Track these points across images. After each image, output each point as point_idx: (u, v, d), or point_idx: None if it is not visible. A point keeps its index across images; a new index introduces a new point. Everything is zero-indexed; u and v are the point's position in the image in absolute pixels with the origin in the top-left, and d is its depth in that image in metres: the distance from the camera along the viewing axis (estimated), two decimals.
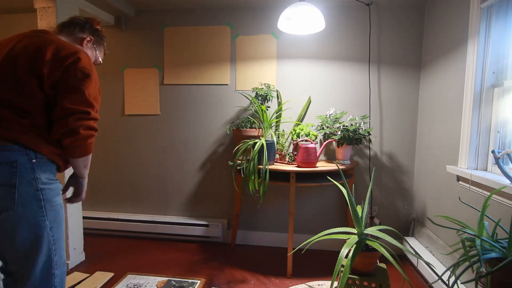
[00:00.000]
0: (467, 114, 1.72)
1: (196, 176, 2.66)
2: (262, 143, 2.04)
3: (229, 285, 1.99)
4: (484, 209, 1.20)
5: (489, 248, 1.12)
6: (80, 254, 2.27)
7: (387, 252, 1.28)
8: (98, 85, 1.23)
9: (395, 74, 2.39)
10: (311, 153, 2.07)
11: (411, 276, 2.11)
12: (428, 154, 2.22)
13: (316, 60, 2.46)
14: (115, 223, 2.69)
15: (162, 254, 2.40)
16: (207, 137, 2.62)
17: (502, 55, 1.61)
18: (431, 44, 2.21)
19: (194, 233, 2.59)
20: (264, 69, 2.51)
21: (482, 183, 1.53)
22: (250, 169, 1.99)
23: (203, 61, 2.57)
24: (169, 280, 2.03)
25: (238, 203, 2.50)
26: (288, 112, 2.50)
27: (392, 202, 2.49)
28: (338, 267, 1.27)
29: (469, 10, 1.73)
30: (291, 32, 2.20)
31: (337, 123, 2.26)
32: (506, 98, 1.59)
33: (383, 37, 2.38)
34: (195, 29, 2.56)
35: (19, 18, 2.74)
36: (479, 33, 1.64)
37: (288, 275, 2.10)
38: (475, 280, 1.08)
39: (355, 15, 2.39)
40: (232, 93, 2.56)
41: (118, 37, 2.63)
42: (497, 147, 1.64)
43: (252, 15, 2.49)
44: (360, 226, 1.42)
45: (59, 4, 2.01)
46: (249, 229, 2.63)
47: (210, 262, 2.30)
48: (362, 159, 2.48)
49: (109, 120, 2.69)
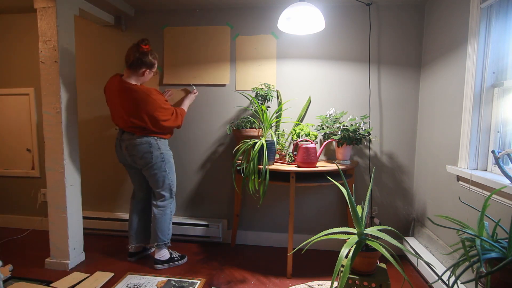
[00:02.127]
0: (467, 114, 1.72)
1: (196, 176, 2.66)
2: (262, 143, 2.04)
3: (229, 285, 1.99)
4: (484, 209, 1.20)
5: (489, 248, 1.12)
6: (80, 254, 2.27)
7: (387, 252, 1.28)
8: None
9: (395, 74, 2.40)
10: (311, 153, 2.07)
11: (411, 276, 2.11)
12: (428, 154, 2.22)
13: (316, 60, 2.46)
14: (115, 223, 2.70)
15: None
16: (207, 137, 2.62)
17: (502, 55, 1.61)
18: (431, 44, 2.21)
19: (194, 233, 2.59)
20: (264, 69, 2.51)
21: (482, 183, 1.53)
22: (250, 169, 1.99)
23: (203, 61, 2.57)
24: (169, 280, 2.03)
25: (238, 203, 2.50)
26: (288, 112, 2.50)
27: (392, 202, 2.49)
28: (338, 267, 1.27)
29: (469, 10, 1.73)
30: (291, 32, 2.19)
31: (337, 123, 2.26)
32: (506, 98, 1.59)
33: (383, 37, 2.38)
34: (195, 29, 2.56)
35: (19, 18, 2.74)
36: (479, 33, 1.64)
37: (288, 275, 2.10)
38: (475, 280, 1.08)
39: (355, 15, 2.39)
40: (232, 93, 2.56)
41: (118, 37, 2.63)
42: (497, 147, 1.64)
43: (252, 15, 2.49)
44: (360, 226, 1.42)
45: (59, 4, 2.01)
46: (249, 229, 2.64)
47: (210, 262, 2.30)
48: (362, 159, 2.48)
49: (109, 120, 2.69)
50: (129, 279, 2.03)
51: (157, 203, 2.20)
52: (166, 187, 2.20)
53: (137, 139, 2.08)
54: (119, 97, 2.04)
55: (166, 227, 2.22)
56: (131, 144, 2.08)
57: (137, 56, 2.03)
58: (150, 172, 2.14)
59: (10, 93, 2.80)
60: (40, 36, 2.03)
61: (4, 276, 1.95)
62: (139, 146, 2.08)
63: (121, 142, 2.12)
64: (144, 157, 2.09)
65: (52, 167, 2.11)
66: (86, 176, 2.74)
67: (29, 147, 2.81)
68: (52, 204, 2.14)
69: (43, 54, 2.04)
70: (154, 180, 2.16)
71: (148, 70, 2.09)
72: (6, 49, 2.79)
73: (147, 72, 2.10)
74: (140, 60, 2.04)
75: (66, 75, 2.10)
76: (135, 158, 2.11)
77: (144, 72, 2.08)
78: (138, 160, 2.10)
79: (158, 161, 2.13)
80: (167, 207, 2.22)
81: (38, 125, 2.77)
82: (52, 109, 2.07)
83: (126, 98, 2.02)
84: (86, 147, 2.75)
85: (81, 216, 2.28)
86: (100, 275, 2.07)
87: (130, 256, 2.31)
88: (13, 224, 2.92)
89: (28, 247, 2.50)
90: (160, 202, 2.20)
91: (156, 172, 2.14)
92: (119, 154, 2.19)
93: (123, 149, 2.12)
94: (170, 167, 2.20)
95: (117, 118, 2.11)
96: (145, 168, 2.13)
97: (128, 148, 2.09)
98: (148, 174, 2.15)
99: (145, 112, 2.01)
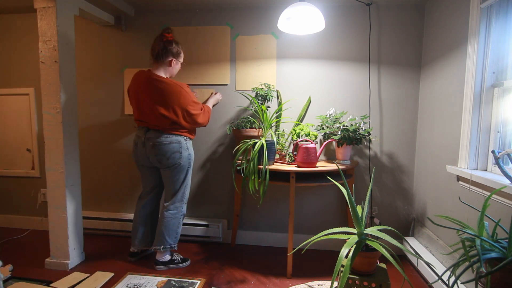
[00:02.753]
0: (467, 114, 1.72)
1: (196, 176, 2.66)
2: (262, 143, 2.04)
3: (229, 285, 1.99)
4: (484, 209, 1.20)
5: (489, 248, 1.12)
6: (80, 254, 2.27)
7: (387, 252, 1.28)
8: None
9: (395, 74, 2.40)
10: (311, 153, 2.06)
11: (411, 276, 2.11)
12: (428, 154, 2.22)
13: (316, 60, 2.46)
14: (115, 223, 2.70)
15: None
16: (207, 137, 2.62)
17: (502, 55, 1.61)
18: (431, 44, 2.21)
19: (194, 233, 2.59)
20: (264, 69, 2.51)
21: (482, 183, 1.53)
22: (250, 169, 1.99)
23: (203, 61, 2.57)
24: (169, 280, 2.03)
25: (238, 203, 2.50)
26: (288, 112, 2.50)
27: (392, 202, 2.49)
28: (338, 267, 1.27)
29: (469, 10, 1.73)
30: (291, 32, 2.19)
31: (337, 123, 2.26)
32: (506, 98, 1.59)
33: (383, 37, 2.38)
34: (195, 29, 2.56)
35: (19, 18, 2.74)
36: (479, 33, 1.64)
37: (288, 275, 2.10)
38: (475, 280, 1.08)
39: (355, 15, 2.39)
40: (232, 93, 2.56)
41: (118, 37, 2.63)
42: (497, 147, 1.64)
43: (252, 15, 2.49)
44: (360, 226, 1.42)
45: (59, 4, 2.01)
46: (249, 229, 2.64)
47: (210, 262, 2.30)
48: (362, 159, 2.48)
49: (109, 120, 2.70)
50: (129, 279, 2.03)
51: (169, 206, 2.14)
52: (183, 189, 2.16)
53: (168, 138, 2.02)
54: (149, 89, 1.98)
55: (175, 230, 2.16)
56: (160, 142, 2.00)
57: (162, 46, 2.01)
58: (173, 172, 2.08)
59: (10, 93, 2.80)
60: (40, 36, 2.03)
61: (4, 276, 1.95)
62: (169, 145, 2.01)
63: (147, 141, 2.04)
64: (173, 157, 2.03)
65: (52, 167, 2.11)
66: (86, 176, 2.74)
67: (29, 147, 2.82)
68: (52, 204, 2.14)
69: (43, 54, 2.04)
70: (174, 181, 2.11)
71: (174, 59, 2.07)
72: (6, 49, 2.79)
73: (173, 61, 2.07)
74: (166, 49, 2.02)
75: (66, 75, 2.10)
76: (161, 157, 2.03)
77: (171, 61, 2.06)
78: (165, 160, 2.03)
79: (185, 162, 2.09)
80: (179, 211, 2.17)
81: (38, 125, 2.77)
82: (52, 109, 2.07)
83: (156, 90, 1.97)
84: (86, 147, 2.75)
85: (81, 216, 2.27)
86: (100, 275, 2.07)
87: (131, 256, 2.29)
88: (13, 224, 2.92)
89: (28, 247, 2.50)
90: (172, 205, 2.14)
91: (180, 173, 2.10)
92: (139, 153, 2.10)
93: (148, 148, 2.04)
94: (191, 171, 2.18)
95: (145, 113, 2.02)
96: (170, 169, 2.07)
97: (156, 146, 2.01)
98: (169, 174, 2.09)
99: (178, 104, 1.97)
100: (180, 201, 2.16)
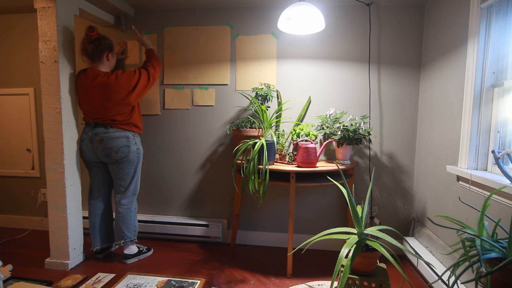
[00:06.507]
0: (467, 114, 1.72)
1: (196, 176, 2.66)
2: (262, 143, 2.05)
3: (229, 285, 1.99)
4: (484, 209, 1.20)
5: (489, 248, 1.12)
6: (80, 254, 2.27)
7: (387, 252, 1.28)
8: None
9: (395, 74, 2.40)
10: (311, 153, 2.07)
11: (411, 276, 2.11)
12: (428, 154, 2.22)
13: (316, 60, 2.46)
14: None
15: (162, 254, 2.40)
16: (207, 137, 2.62)
17: (502, 55, 1.61)
18: (431, 44, 2.21)
19: (194, 233, 2.59)
20: (264, 69, 2.51)
21: (482, 183, 1.53)
22: (250, 169, 1.99)
23: (203, 61, 2.57)
24: (169, 280, 2.03)
25: (238, 203, 2.50)
26: (288, 112, 2.50)
27: (392, 202, 2.49)
28: (338, 267, 1.27)
29: (469, 10, 1.73)
30: (291, 32, 2.19)
31: (337, 123, 2.26)
32: (506, 98, 1.59)
33: (383, 37, 2.38)
34: (195, 29, 2.56)
35: (19, 18, 2.74)
36: (479, 33, 1.64)
37: (288, 275, 2.10)
38: (475, 280, 1.08)
39: (355, 15, 2.39)
40: (232, 93, 2.56)
41: (118, 37, 2.63)
42: (497, 147, 1.64)
43: (252, 15, 2.49)
44: (360, 226, 1.42)
45: (59, 4, 2.01)
46: (249, 229, 2.64)
47: (210, 262, 2.30)
48: (362, 159, 2.48)
49: None
50: (129, 279, 2.03)
51: (121, 200, 2.22)
52: (133, 183, 2.23)
53: (115, 133, 2.10)
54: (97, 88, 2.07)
55: (132, 224, 2.26)
56: (108, 137, 2.09)
57: (92, 46, 2.08)
58: (122, 166, 2.15)
59: (10, 93, 2.80)
60: (40, 36, 2.03)
61: (4, 276, 1.95)
62: (117, 140, 2.10)
63: (94, 136, 2.10)
64: (121, 151, 2.11)
65: (52, 167, 2.11)
66: (86, 176, 2.74)
67: (29, 147, 2.82)
68: (52, 204, 2.14)
69: (43, 54, 2.04)
70: (123, 175, 2.18)
71: (110, 53, 2.15)
72: (6, 49, 2.79)
73: (109, 55, 2.16)
74: (97, 47, 2.09)
75: (66, 75, 2.10)
76: (110, 151, 2.10)
77: (107, 56, 2.14)
78: (114, 153, 2.10)
79: (133, 156, 2.17)
80: (132, 204, 2.25)
81: (38, 125, 2.77)
82: (52, 109, 2.07)
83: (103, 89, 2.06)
84: None
85: (81, 216, 2.28)
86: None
87: (97, 253, 2.29)
88: (13, 224, 2.92)
89: (28, 247, 2.50)
90: (125, 200, 2.22)
91: (129, 167, 2.17)
92: (86, 149, 2.15)
93: (95, 143, 2.10)
94: (140, 165, 2.27)
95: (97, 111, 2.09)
96: (118, 163, 2.14)
97: (103, 141, 2.09)
98: (118, 168, 2.16)
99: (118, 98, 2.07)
100: (132, 195, 2.26)
